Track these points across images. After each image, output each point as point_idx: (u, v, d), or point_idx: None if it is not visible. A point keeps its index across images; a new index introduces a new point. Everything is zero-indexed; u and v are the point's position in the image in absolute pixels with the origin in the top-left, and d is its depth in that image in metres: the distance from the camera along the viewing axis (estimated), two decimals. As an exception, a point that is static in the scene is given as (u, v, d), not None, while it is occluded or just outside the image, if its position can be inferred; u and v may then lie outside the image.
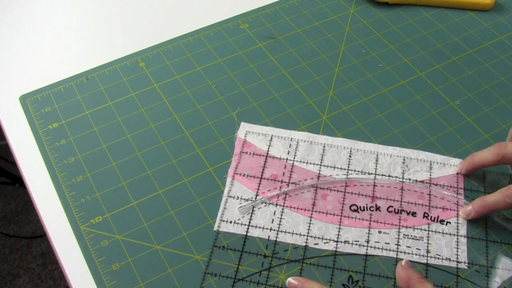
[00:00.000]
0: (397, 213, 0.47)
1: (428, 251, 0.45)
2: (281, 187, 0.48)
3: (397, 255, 0.44)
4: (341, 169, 0.49)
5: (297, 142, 0.51)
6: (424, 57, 0.59)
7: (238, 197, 0.47)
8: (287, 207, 0.47)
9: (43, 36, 0.61)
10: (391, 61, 0.59)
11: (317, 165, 0.49)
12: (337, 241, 0.45)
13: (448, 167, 0.50)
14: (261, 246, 0.45)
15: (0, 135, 0.60)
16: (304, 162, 0.50)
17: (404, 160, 0.50)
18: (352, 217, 0.46)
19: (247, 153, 0.50)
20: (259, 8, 0.64)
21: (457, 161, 0.50)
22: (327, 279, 0.43)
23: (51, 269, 1.23)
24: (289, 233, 0.45)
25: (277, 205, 0.47)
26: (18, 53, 0.59)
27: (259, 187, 0.48)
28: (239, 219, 0.46)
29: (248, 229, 0.45)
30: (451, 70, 0.58)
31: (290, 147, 0.51)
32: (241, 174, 0.49)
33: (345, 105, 0.55)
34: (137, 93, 0.55)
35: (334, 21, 0.63)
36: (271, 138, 0.51)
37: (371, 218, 0.46)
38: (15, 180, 1.22)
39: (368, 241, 0.45)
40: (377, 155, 0.50)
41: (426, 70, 0.58)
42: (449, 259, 0.44)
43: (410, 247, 0.45)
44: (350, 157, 0.50)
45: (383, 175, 0.49)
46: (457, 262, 0.44)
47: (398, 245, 0.45)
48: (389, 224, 0.46)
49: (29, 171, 0.49)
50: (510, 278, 0.43)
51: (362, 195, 0.48)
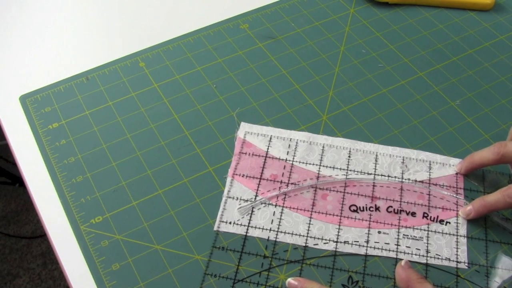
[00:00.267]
0: (397, 213, 0.47)
1: (428, 251, 0.45)
2: (280, 187, 0.48)
3: (396, 255, 0.45)
4: (341, 169, 0.49)
5: (297, 142, 0.51)
6: (424, 57, 0.59)
7: (237, 198, 0.47)
8: (287, 207, 0.47)
9: (43, 36, 0.61)
10: (391, 61, 0.59)
11: (317, 165, 0.49)
12: (337, 242, 0.45)
13: (447, 167, 0.50)
14: (261, 246, 0.45)
15: (0, 135, 0.60)
16: (303, 162, 0.50)
17: (403, 160, 0.50)
18: (351, 217, 0.46)
19: (246, 153, 0.50)
20: (259, 8, 0.64)
21: (457, 161, 0.50)
22: (327, 279, 0.43)
23: (51, 269, 1.23)
24: (289, 233, 0.45)
25: (276, 205, 0.47)
26: (18, 53, 0.59)
27: (258, 187, 0.48)
28: (238, 220, 0.46)
29: (247, 229, 0.45)
30: (451, 70, 0.58)
31: (289, 147, 0.51)
32: (240, 174, 0.49)
33: (345, 105, 0.55)
34: (137, 93, 0.55)
35: (334, 21, 0.63)
36: (271, 138, 0.51)
37: (370, 218, 0.46)
38: (15, 180, 1.22)
39: (367, 241, 0.45)
40: (377, 155, 0.50)
41: (426, 70, 0.58)
42: (449, 259, 0.44)
43: (409, 247, 0.45)
44: (349, 157, 0.50)
45: (382, 175, 0.49)
46: (457, 262, 0.44)
47: (397, 245, 0.45)
48: (388, 224, 0.46)
49: (29, 171, 0.49)
50: (510, 278, 0.43)
51: (361, 195, 0.48)
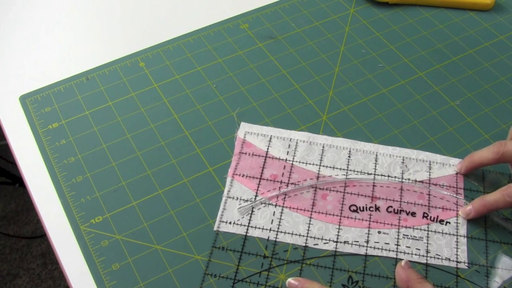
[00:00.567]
0: (397, 213, 0.47)
1: (427, 251, 0.45)
2: (280, 187, 0.48)
3: (396, 255, 0.45)
4: (341, 169, 0.49)
5: (297, 142, 0.51)
6: (424, 57, 0.59)
7: (237, 198, 0.47)
8: (287, 207, 0.47)
9: (43, 36, 0.61)
10: (391, 61, 0.59)
11: (317, 165, 0.49)
12: (337, 242, 0.45)
13: (447, 167, 0.50)
14: (261, 246, 0.45)
15: (0, 135, 0.60)
16: (303, 162, 0.50)
17: (403, 160, 0.50)
18: (351, 217, 0.46)
19: (246, 153, 0.50)
20: (259, 8, 0.64)
21: (457, 161, 0.50)
22: (327, 279, 0.43)
23: (51, 269, 1.23)
24: (289, 233, 0.45)
25: (276, 205, 0.47)
26: (18, 53, 0.59)
27: (258, 187, 0.48)
28: (238, 220, 0.46)
29: (247, 229, 0.45)
30: (451, 70, 0.58)
31: (289, 147, 0.51)
32: (240, 174, 0.49)
33: (345, 105, 0.55)
34: (137, 93, 0.55)
35: (334, 21, 0.63)
36: (271, 138, 0.51)
37: (370, 218, 0.46)
38: (15, 180, 1.22)
39: (367, 241, 0.45)
40: (377, 155, 0.50)
41: (426, 70, 0.58)
42: (449, 259, 0.44)
43: (409, 247, 0.45)
44: (349, 157, 0.50)
45: (382, 175, 0.49)
46: (457, 262, 0.44)
47: (397, 245, 0.45)
48: (388, 224, 0.46)
49: (29, 171, 0.49)
50: (510, 278, 0.43)
51: (361, 195, 0.48)
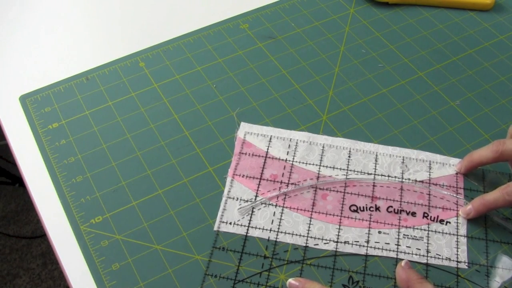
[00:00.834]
0: (397, 213, 0.47)
1: (428, 251, 0.45)
2: (280, 187, 0.48)
3: (397, 255, 0.44)
4: (341, 169, 0.49)
5: (297, 142, 0.51)
6: (424, 57, 0.59)
7: (237, 198, 0.47)
8: (287, 207, 0.47)
9: (43, 36, 0.61)
10: (391, 61, 0.59)
11: (317, 165, 0.49)
12: (337, 242, 0.45)
13: (447, 167, 0.50)
14: (261, 246, 0.45)
15: (0, 135, 0.60)
16: (303, 162, 0.50)
17: (403, 160, 0.50)
18: (352, 217, 0.46)
19: (246, 153, 0.50)
20: (259, 8, 0.64)
21: (457, 161, 0.50)
22: (328, 279, 0.43)
23: (51, 269, 1.23)
24: (289, 233, 0.45)
25: (276, 205, 0.47)
26: (18, 53, 0.59)
27: (258, 187, 0.48)
28: (239, 220, 0.46)
29: (248, 229, 0.45)
30: (451, 70, 0.58)
31: (289, 147, 0.51)
32: (240, 174, 0.49)
33: (345, 105, 0.55)
34: (137, 93, 0.55)
35: (334, 21, 0.63)
36: (271, 138, 0.51)
37: (371, 218, 0.46)
38: (15, 180, 1.22)
39: (368, 241, 0.45)
40: (377, 155, 0.50)
41: (426, 70, 0.58)
42: (449, 259, 0.44)
43: (410, 247, 0.45)
44: (349, 157, 0.50)
45: (382, 175, 0.49)
46: (457, 262, 0.44)
47: (398, 245, 0.45)
48: (389, 224, 0.46)
49: (29, 171, 0.49)
50: (510, 278, 0.43)
51: (361, 195, 0.48)
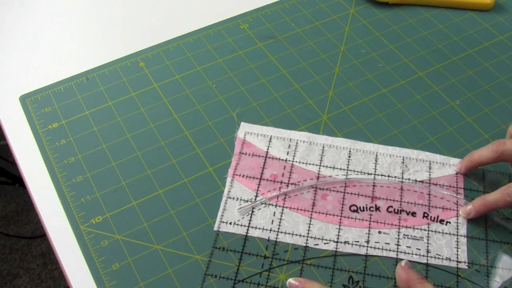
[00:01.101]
0: (397, 213, 0.47)
1: (428, 251, 0.45)
2: (280, 187, 0.48)
3: (397, 255, 0.44)
4: (341, 169, 0.49)
5: (297, 142, 0.51)
6: (424, 57, 0.59)
7: (237, 198, 0.47)
8: (287, 207, 0.47)
9: (43, 36, 0.61)
10: (391, 61, 0.59)
11: (317, 165, 0.49)
12: (337, 242, 0.45)
13: (447, 167, 0.50)
14: (261, 246, 0.45)
15: (0, 135, 0.60)
16: (303, 162, 0.50)
17: (403, 160, 0.50)
18: (352, 217, 0.46)
19: (246, 153, 0.50)
20: (259, 8, 0.64)
21: (457, 161, 0.50)
22: (328, 279, 0.43)
23: (51, 269, 1.23)
24: (289, 233, 0.45)
25: (277, 205, 0.47)
26: (18, 53, 0.59)
27: (258, 187, 0.48)
28: (239, 220, 0.46)
29: (248, 229, 0.45)
30: (451, 70, 0.58)
31: (289, 147, 0.51)
32: (240, 174, 0.49)
33: (345, 105, 0.55)
34: (137, 93, 0.55)
35: (334, 21, 0.63)
36: (271, 138, 0.51)
37: (371, 218, 0.46)
38: (15, 180, 1.22)
39: (368, 241, 0.45)
40: (377, 155, 0.50)
41: (426, 70, 0.58)
42: (449, 259, 0.44)
43: (410, 247, 0.45)
44: (349, 157, 0.50)
45: (382, 175, 0.49)
46: (457, 262, 0.44)
47: (398, 245, 0.45)
48: (389, 224, 0.46)
49: (29, 171, 0.49)
50: (510, 278, 0.43)
51: (361, 195, 0.48)
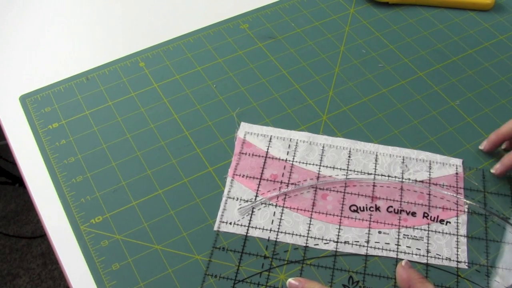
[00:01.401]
0: (397, 213, 0.47)
1: (428, 251, 0.45)
2: (280, 187, 0.48)
3: (397, 255, 0.44)
4: (341, 169, 0.49)
5: (297, 142, 0.51)
6: (424, 57, 0.59)
7: (238, 198, 0.47)
8: (287, 207, 0.47)
9: (43, 36, 0.61)
10: (391, 61, 0.59)
11: (317, 165, 0.49)
12: (337, 242, 0.45)
13: (447, 167, 0.50)
14: (261, 246, 0.45)
15: (0, 135, 0.60)
16: (303, 162, 0.50)
17: (403, 160, 0.50)
18: (352, 217, 0.46)
19: (246, 153, 0.50)
20: (259, 8, 0.64)
21: (457, 161, 0.50)
22: (328, 279, 0.43)
23: (51, 269, 1.23)
24: (289, 233, 0.45)
25: (277, 205, 0.47)
26: (18, 53, 0.59)
27: (258, 187, 0.48)
28: (239, 220, 0.46)
29: (248, 229, 0.45)
30: (451, 70, 0.58)
31: (289, 147, 0.51)
32: (240, 174, 0.49)
33: (345, 105, 0.55)
34: (137, 93, 0.55)
35: (334, 21, 0.63)
36: (271, 138, 0.51)
37: (371, 218, 0.46)
38: (15, 180, 1.22)
39: (368, 241, 0.45)
40: (377, 155, 0.50)
41: (426, 70, 0.58)
42: (449, 259, 0.44)
43: (410, 247, 0.45)
44: (349, 157, 0.50)
45: (382, 175, 0.49)
46: (457, 262, 0.44)
47: (398, 245, 0.45)
48: (389, 224, 0.46)
49: (29, 171, 0.49)
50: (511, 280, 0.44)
51: (361, 195, 0.48)
